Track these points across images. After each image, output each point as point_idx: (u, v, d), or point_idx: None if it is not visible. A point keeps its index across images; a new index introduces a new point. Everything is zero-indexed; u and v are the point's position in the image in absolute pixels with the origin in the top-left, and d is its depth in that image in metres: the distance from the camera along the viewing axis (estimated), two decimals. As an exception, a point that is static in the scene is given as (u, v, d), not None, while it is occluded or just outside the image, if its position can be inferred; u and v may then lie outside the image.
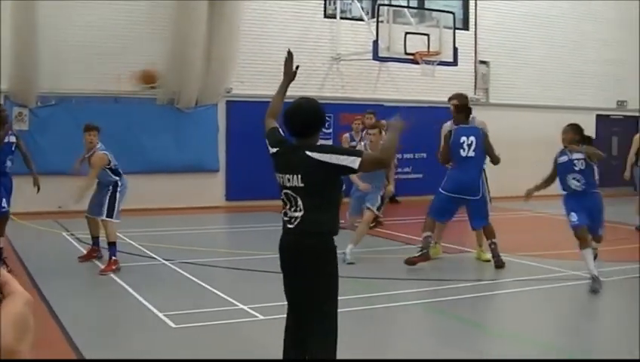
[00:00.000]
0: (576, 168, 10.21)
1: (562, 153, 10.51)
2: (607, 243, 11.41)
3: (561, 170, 10.47)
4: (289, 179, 5.20)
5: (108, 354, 7.07)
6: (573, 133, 10.48)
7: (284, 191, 5.27)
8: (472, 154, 11.29)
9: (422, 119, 15.73)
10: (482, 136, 11.48)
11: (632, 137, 17.48)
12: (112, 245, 11.01)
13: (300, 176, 5.15)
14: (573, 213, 10.13)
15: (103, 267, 10.97)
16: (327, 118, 5.43)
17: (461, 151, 11.28)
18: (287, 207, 5.26)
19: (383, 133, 11.58)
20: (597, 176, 10.42)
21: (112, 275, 10.56)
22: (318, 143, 5.34)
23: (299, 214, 5.19)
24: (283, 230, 5.35)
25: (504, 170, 21.83)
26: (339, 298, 5.32)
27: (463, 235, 13.35)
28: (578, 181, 10.18)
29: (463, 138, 11.27)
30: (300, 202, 5.18)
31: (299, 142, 5.30)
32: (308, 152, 5.13)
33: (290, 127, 5.31)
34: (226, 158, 19.73)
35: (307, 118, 5.29)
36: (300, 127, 5.27)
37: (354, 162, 5.08)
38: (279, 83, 5.92)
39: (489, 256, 11.80)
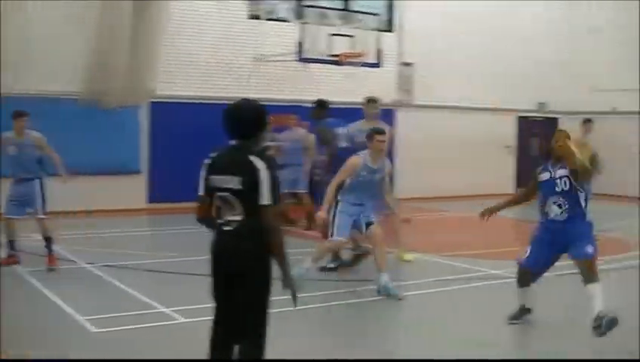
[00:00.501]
0: (558, 189, 7.84)
1: (544, 168, 8.09)
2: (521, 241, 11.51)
3: (543, 191, 8.02)
4: (227, 181, 5.12)
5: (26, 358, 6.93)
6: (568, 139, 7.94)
7: (220, 193, 5.17)
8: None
9: (348, 120, 15.82)
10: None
11: (552, 138, 17.77)
12: (50, 239, 11.02)
13: (240, 178, 5.07)
14: (528, 248, 8.17)
15: (48, 262, 11.03)
16: (267, 121, 5.30)
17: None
18: (223, 210, 5.17)
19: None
20: (584, 203, 7.85)
21: (30, 279, 10.36)
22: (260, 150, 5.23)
23: (237, 218, 5.11)
24: (217, 233, 5.25)
25: (426, 171, 22.29)
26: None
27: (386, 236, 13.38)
28: (560, 207, 7.82)
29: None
30: (238, 205, 5.10)
31: (238, 143, 5.21)
32: (251, 157, 5.06)
33: (229, 128, 5.21)
34: (150, 160, 19.49)
35: (246, 118, 5.21)
36: (239, 127, 5.19)
37: (267, 200, 5.03)
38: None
39: (410, 256, 11.93)
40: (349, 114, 18.51)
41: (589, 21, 26.17)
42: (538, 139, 26.59)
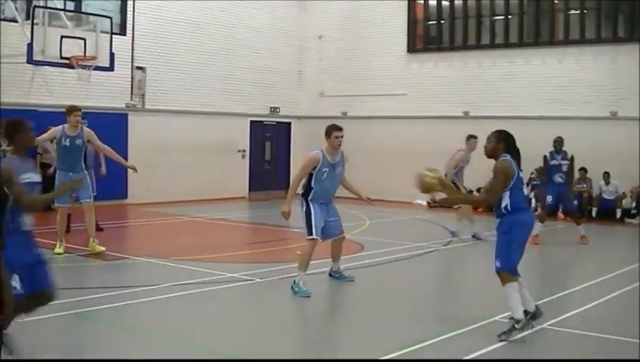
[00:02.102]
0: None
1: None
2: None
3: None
4: None
5: None
6: (496, 142, 8.34)
7: None
8: None
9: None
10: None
11: (285, 142, 18.45)
12: None
13: None
14: None
15: None
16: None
17: None
18: None
19: None
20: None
21: None
22: None
23: None
24: None
25: (159, 176, 22.38)
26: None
27: (123, 242, 13.41)
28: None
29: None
30: None
31: None
32: None
33: None
34: None
35: None
36: None
37: None
38: None
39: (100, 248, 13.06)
40: (85, 118, 18.33)
41: (318, 29, 27.49)
42: (270, 142, 27.45)
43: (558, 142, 16.58)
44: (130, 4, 23.00)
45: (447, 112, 24.73)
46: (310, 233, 10.43)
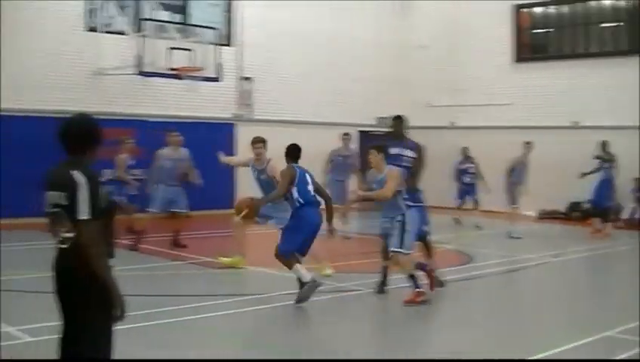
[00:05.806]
0: None
1: None
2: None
3: None
4: (56, 198, 4.98)
5: None
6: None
7: (52, 210, 5.01)
8: None
9: (187, 135, 15.84)
10: None
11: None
12: None
13: (65, 194, 4.93)
14: None
15: None
16: (99, 136, 5.17)
17: None
18: (57, 226, 5.01)
19: None
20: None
21: None
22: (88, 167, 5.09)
23: (68, 235, 4.95)
24: (56, 250, 5.08)
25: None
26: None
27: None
28: None
29: None
30: (67, 222, 4.94)
31: (68, 158, 5.09)
32: (72, 171, 4.95)
33: (61, 144, 5.12)
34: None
35: (75, 134, 5.11)
36: (69, 142, 5.09)
37: (83, 215, 4.90)
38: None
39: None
40: (192, 128, 18.48)
41: (417, 39, 27.17)
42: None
43: None
44: (238, 15, 23.13)
45: (553, 123, 24.05)
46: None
